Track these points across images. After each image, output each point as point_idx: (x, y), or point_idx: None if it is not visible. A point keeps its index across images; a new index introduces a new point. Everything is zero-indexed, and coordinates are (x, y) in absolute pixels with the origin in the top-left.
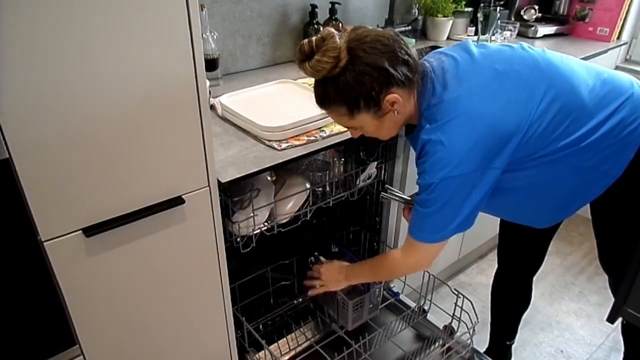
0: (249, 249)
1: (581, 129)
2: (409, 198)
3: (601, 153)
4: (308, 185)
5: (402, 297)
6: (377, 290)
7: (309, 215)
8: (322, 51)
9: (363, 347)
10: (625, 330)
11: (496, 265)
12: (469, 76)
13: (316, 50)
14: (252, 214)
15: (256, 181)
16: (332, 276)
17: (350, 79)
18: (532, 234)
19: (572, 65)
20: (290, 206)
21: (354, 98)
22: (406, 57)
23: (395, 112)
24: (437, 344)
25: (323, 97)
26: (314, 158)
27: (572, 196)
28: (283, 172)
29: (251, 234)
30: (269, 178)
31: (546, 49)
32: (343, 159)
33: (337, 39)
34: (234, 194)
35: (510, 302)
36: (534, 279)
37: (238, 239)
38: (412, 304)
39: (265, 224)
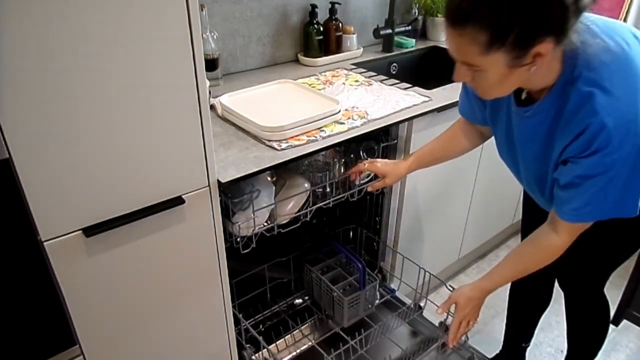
0: (249, 250)
1: None
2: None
3: None
4: (308, 186)
5: (397, 294)
6: (373, 287)
7: (309, 216)
8: None
9: (359, 343)
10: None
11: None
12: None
13: None
14: (252, 215)
15: (256, 182)
16: (469, 304)
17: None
18: None
19: None
20: (290, 207)
21: (507, 27)
22: (583, 6)
23: (532, 68)
24: (432, 341)
25: (468, 9)
26: (314, 158)
27: None
28: (283, 172)
29: (251, 234)
30: (269, 178)
31: None
32: (343, 159)
33: None
34: (234, 195)
35: (529, 300)
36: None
37: (238, 240)
38: (408, 301)
39: (265, 224)
